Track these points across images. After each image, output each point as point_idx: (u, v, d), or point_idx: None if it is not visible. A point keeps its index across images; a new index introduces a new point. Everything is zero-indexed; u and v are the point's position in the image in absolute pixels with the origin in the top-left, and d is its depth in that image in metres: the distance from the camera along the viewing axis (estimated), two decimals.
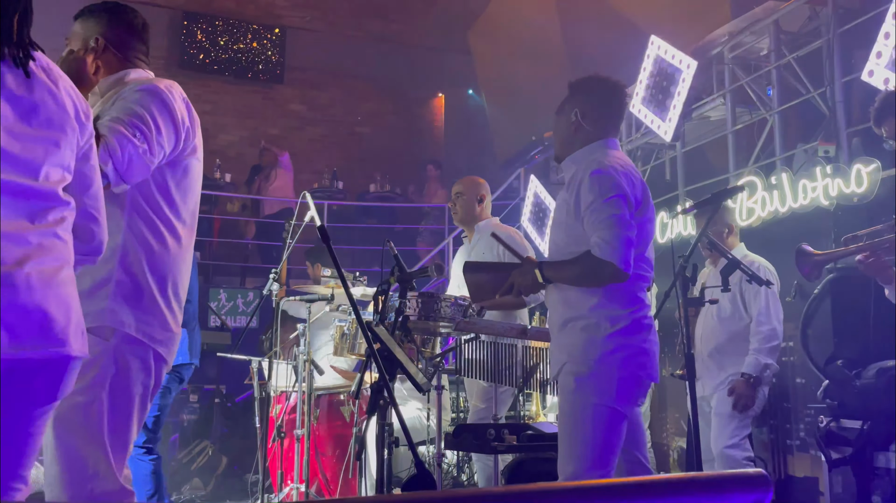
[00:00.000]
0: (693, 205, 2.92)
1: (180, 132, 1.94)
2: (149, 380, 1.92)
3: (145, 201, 1.92)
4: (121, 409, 1.85)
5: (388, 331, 2.81)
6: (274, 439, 4.32)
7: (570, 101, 2.54)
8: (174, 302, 1.98)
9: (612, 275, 2.26)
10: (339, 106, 10.64)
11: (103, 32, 2.05)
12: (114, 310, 1.85)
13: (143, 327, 1.88)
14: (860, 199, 3.91)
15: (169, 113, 1.91)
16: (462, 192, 3.90)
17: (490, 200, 4.01)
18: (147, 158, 1.83)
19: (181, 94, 2.02)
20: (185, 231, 2.02)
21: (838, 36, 4.40)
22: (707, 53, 5.61)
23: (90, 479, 1.78)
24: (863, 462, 3.20)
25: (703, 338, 3.70)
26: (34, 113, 1.45)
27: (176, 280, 1.99)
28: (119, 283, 1.87)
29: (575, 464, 2.28)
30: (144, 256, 1.91)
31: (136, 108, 1.86)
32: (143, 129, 1.82)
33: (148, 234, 1.92)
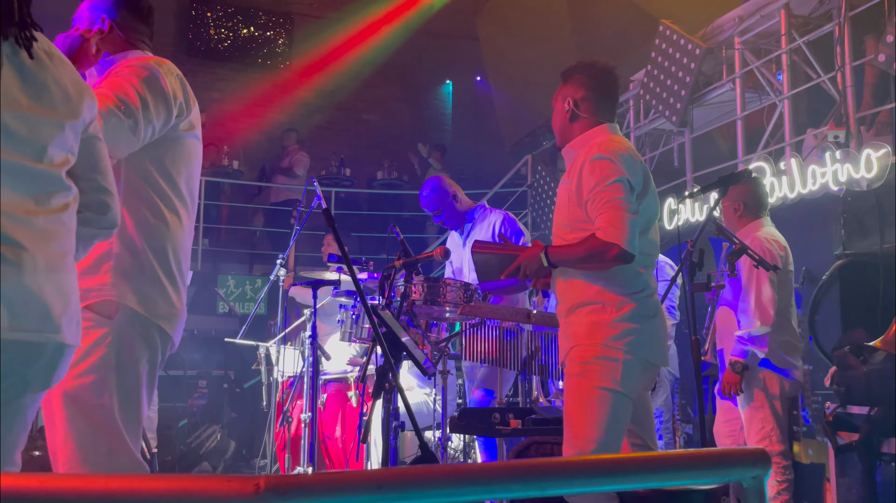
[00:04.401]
0: (699, 189, 2.90)
1: (171, 106, 1.93)
2: (155, 355, 1.93)
3: (141, 177, 1.93)
4: (130, 386, 1.86)
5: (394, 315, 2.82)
6: (281, 424, 4.36)
7: (563, 90, 2.54)
8: (178, 277, 1.98)
9: (618, 256, 2.25)
10: (347, 92, 10.62)
11: (109, 13, 2.05)
12: (116, 284, 1.85)
13: (145, 302, 1.89)
14: (870, 185, 3.88)
15: (159, 87, 1.91)
16: (437, 207, 3.93)
17: (461, 190, 4.04)
18: (133, 132, 1.83)
19: (174, 70, 2.01)
20: (183, 207, 2.01)
21: (849, 20, 4.35)
22: (716, 38, 5.56)
23: (106, 456, 1.80)
24: (869, 448, 3.19)
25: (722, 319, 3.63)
26: (38, 94, 1.45)
27: (178, 256, 1.99)
28: (119, 257, 1.87)
29: (579, 447, 2.29)
30: (142, 231, 1.91)
31: (124, 83, 1.86)
32: (128, 104, 1.82)
33: (145, 210, 1.93)
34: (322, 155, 9.79)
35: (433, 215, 4.03)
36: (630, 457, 0.84)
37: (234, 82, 10.26)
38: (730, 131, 5.68)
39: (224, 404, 5.86)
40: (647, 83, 6.13)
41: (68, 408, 1.78)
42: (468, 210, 3.98)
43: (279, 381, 4.61)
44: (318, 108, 10.54)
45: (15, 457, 1.50)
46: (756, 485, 0.92)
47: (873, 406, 3.20)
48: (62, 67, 1.52)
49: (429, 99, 11.46)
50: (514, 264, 2.46)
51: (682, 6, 6.73)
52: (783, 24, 4.93)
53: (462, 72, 11.29)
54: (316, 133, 10.36)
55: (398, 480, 0.71)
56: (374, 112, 10.93)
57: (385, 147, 10.31)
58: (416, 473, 0.71)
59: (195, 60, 10.09)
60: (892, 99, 4.21)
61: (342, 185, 9.33)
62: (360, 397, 4.23)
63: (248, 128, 10.12)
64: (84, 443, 1.79)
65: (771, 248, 3.31)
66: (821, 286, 4.05)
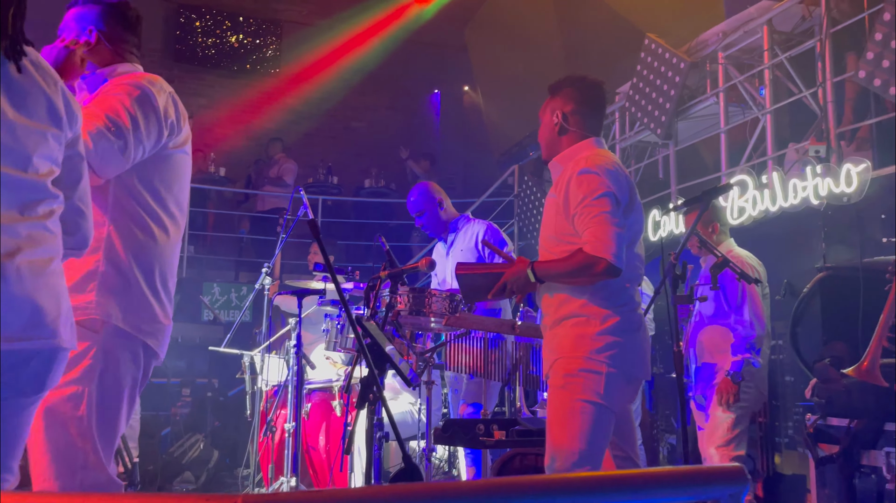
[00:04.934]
0: (682, 203, 2.93)
1: (163, 127, 1.94)
2: (138, 372, 1.93)
3: (130, 194, 1.93)
4: (109, 402, 1.85)
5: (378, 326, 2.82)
6: (265, 433, 4.34)
7: (551, 103, 2.56)
8: (163, 293, 1.99)
9: (606, 270, 2.27)
10: (335, 100, 10.63)
11: (97, 24, 2.05)
12: (101, 303, 1.86)
13: (130, 319, 1.89)
14: (850, 199, 3.93)
15: (151, 107, 1.91)
16: (421, 209, 3.95)
17: (448, 199, 4.07)
18: (123, 154, 1.84)
19: (166, 87, 2.01)
20: (172, 223, 2.02)
21: (831, 36, 4.42)
22: (700, 52, 5.63)
23: (79, 470, 1.79)
24: (849, 460, 3.22)
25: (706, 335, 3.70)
26: (23, 104, 1.46)
27: (164, 271, 2.00)
28: (105, 275, 1.88)
29: (562, 460, 2.30)
30: (130, 248, 1.91)
31: (116, 104, 1.86)
32: (119, 125, 1.83)
33: (133, 226, 1.93)
34: (310, 163, 9.78)
35: (416, 217, 4.04)
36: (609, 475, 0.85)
37: (221, 89, 10.24)
38: (714, 144, 5.73)
39: (207, 413, 5.82)
40: (632, 96, 6.19)
41: (46, 419, 1.78)
42: (452, 220, 4.00)
43: (263, 390, 4.59)
44: (307, 115, 10.55)
45: (11, 464, 1.49)
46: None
47: (853, 418, 3.24)
48: (49, 79, 1.53)
49: (417, 107, 11.49)
50: (500, 282, 2.46)
51: (667, 20, 6.81)
52: (766, 39, 4.99)
53: (451, 81, 11.33)
54: (304, 140, 10.36)
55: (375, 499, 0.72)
56: (362, 120, 10.94)
57: (373, 155, 10.32)
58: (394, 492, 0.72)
59: (182, 66, 10.07)
60: (872, 114, 4.27)
61: (329, 193, 9.32)
62: (344, 407, 4.22)
63: (235, 134, 10.11)
64: (58, 456, 1.78)
65: (753, 264, 3.53)
66: (802, 299, 4.09)
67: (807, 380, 3.64)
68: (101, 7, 2.07)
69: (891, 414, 3.07)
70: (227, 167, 9.11)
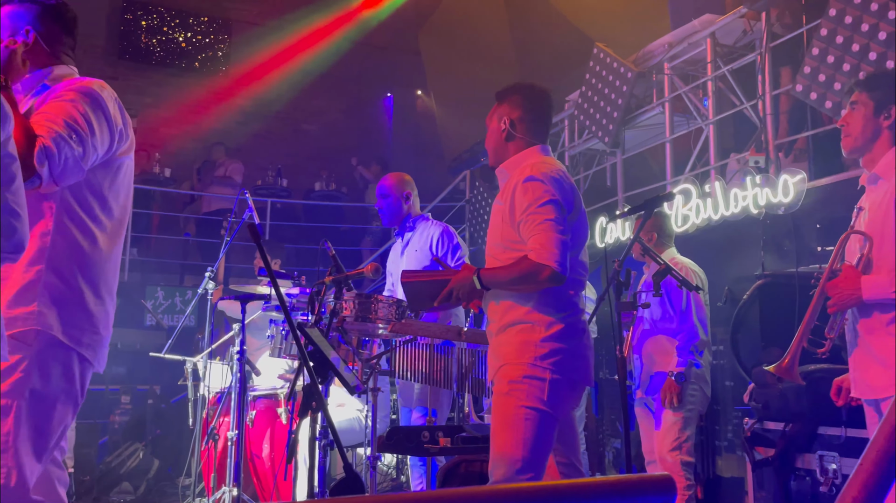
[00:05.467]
0: (626, 210, 2.98)
1: (114, 135, 1.92)
2: (71, 386, 1.86)
3: (76, 202, 1.88)
4: (39, 417, 1.78)
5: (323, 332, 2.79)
6: (207, 442, 4.24)
7: (498, 110, 2.57)
8: (108, 303, 1.94)
9: (550, 278, 2.28)
10: (285, 102, 10.49)
11: (34, 25, 1.97)
12: (42, 313, 1.80)
13: (69, 330, 1.83)
14: (787, 209, 4.06)
15: (104, 115, 1.88)
16: (387, 194, 3.93)
17: (416, 197, 4.05)
18: (82, 162, 1.81)
19: (113, 95, 1.98)
20: (117, 233, 1.98)
21: (770, 50, 4.55)
22: (647, 63, 5.74)
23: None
24: (784, 463, 3.31)
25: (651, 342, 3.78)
26: None
27: (108, 280, 1.95)
28: (47, 286, 1.82)
29: (505, 467, 2.30)
30: (74, 258, 1.86)
31: (72, 110, 1.82)
32: (79, 132, 1.80)
33: (78, 235, 1.88)
34: (259, 165, 9.63)
35: (379, 198, 3.99)
36: (537, 487, 0.84)
37: (168, 87, 10.01)
38: (660, 153, 5.85)
39: (148, 421, 5.65)
40: (581, 104, 6.27)
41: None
42: (413, 217, 3.96)
43: (206, 398, 4.48)
44: (256, 116, 10.39)
45: None
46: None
47: (788, 422, 3.33)
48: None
49: (369, 111, 11.43)
50: (445, 289, 2.45)
51: (616, 30, 6.92)
52: (709, 52, 5.12)
53: (404, 85, 11.31)
54: (252, 142, 10.20)
55: None
56: (313, 123, 10.83)
57: (324, 158, 10.22)
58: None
59: (127, 64, 9.81)
60: (809, 127, 4.42)
61: (279, 196, 9.19)
62: (289, 414, 4.15)
63: (181, 135, 9.89)
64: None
65: (696, 272, 3.64)
66: (742, 305, 4.19)
67: (746, 384, 3.74)
68: (38, 7, 1.99)
69: (824, 418, 3.17)
70: (173, 168, 8.90)
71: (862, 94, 2.34)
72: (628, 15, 7.19)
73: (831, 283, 2.28)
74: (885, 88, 2.31)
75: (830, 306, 2.30)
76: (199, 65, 10.29)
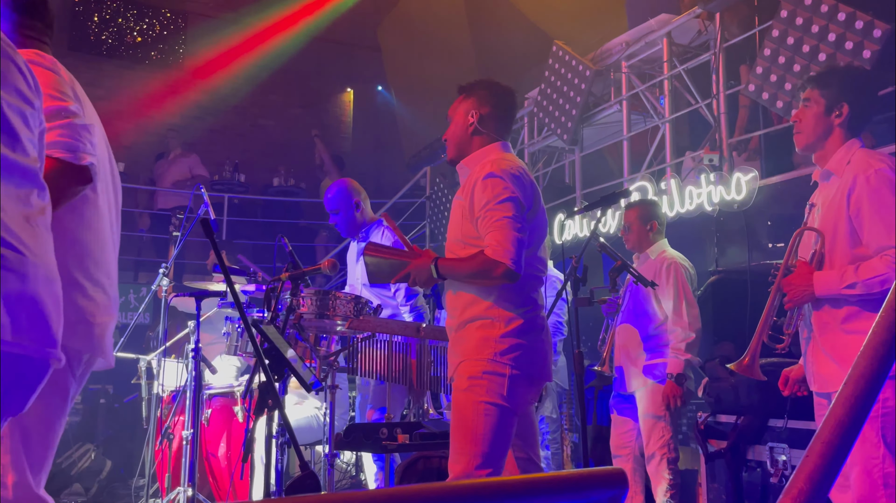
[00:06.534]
0: (584, 206, 3.00)
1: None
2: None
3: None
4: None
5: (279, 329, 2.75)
6: (161, 441, 4.15)
7: (465, 104, 2.57)
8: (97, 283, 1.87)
9: (504, 274, 2.30)
10: (242, 96, 10.33)
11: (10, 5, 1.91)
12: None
13: None
14: (739, 206, 4.14)
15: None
16: (336, 207, 3.89)
17: (367, 201, 4.01)
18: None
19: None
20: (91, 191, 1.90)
21: (724, 50, 4.64)
22: (605, 61, 5.80)
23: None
24: (736, 455, 3.39)
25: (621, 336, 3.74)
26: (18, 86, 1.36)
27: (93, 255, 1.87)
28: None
29: (464, 463, 2.30)
30: None
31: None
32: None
33: None
34: (215, 160, 9.46)
35: (330, 213, 3.96)
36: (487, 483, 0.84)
37: (121, 80, 9.76)
38: (617, 151, 5.92)
39: (99, 421, 5.52)
40: (540, 101, 6.31)
41: None
42: (368, 224, 3.93)
43: (160, 396, 4.39)
44: (212, 111, 10.20)
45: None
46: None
47: (740, 415, 3.40)
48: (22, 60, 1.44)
49: (328, 106, 11.32)
50: (404, 271, 2.46)
51: (575, 28, 6.98)
52: (665, 51, 5.20)
53: (363, 81, 11.23)
54: (209, 137, 10.02)
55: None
56: (270, 118, 10.68)
57: (282, 154, 10.09)
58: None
59: (78, 55, 9.54)
60: (761, 126, 4.52)
61: (236, 192, 9.05)
62: (246, 413, 4.09)
63: (135, 128, 9.64)
64: None
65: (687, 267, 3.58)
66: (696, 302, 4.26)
67: (700, 378, 3.81)
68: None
69: (774, 411, 3.25)
70: (127, 162, 8.68)
71: (814, 91, 2.37)
72: (587, 13, 7.25)
73: (786, 280, 2.32)
74: (837, 86, 2.36)
75: (786, 302, 2.34)
76: (153, 57, 10.06)
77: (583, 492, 0.91)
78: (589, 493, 0.91)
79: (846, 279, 2.17)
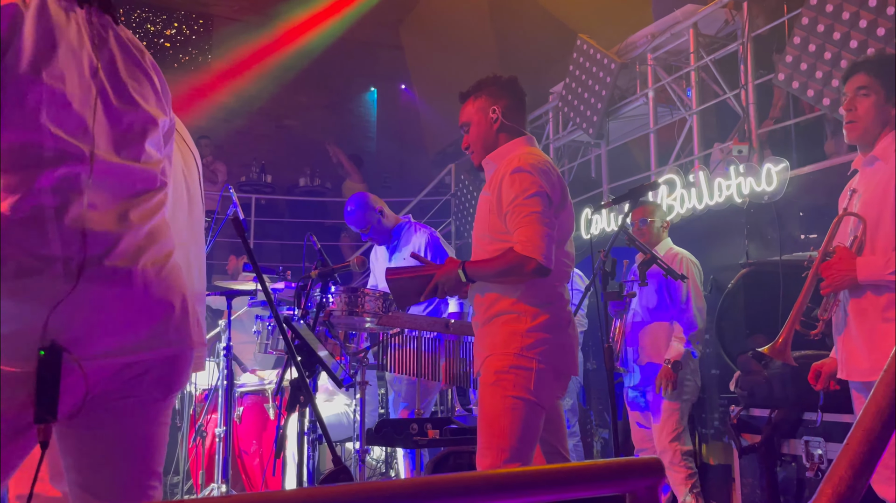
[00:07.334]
0: (612, 200, 2.99)
1: None
2: None
3: None
4: None
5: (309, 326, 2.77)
6: (195, 439, 4.21)
7: (476, 103, 2.53)
8: None
9: (535, 270, 2.29)
10: (268, 97, 10.42)
11: None
12: None
13: None
14: (770, 198, 4.08)
15: None
16: (365, 224, 3.94)
17: (386, 206, 4.08)
18: None
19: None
20: None
21: (752, 39, 4.57)
22: (630, 54, 5.75)
23: None
24: (770, 449, 3.34)
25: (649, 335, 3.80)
26: None
27: None
28: None
29: (492, 456, 2.30)
30: None
31: None
32: None
33: None
34: (242, 161, 9.56)
35: (360, 233, 4.02)
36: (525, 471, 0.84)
37: None
38: (644, 144, 5.87)
39: None
40: (565, 96, 6.28)
41: None
42: (395, 225, 4.00)
43: (193, 395, 4.45)
44: (238, 112, 10.30)
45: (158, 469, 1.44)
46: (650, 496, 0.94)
47: (774, 409, 3.36)
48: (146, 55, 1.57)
49: (352, 106, 11.38)
50: (431, 284, 2.44)
51: (599, 21, 6.93)
52: (692, 42, 5.14)
53: (386, 80, 11.26)
54: (235, 138, 10.12)
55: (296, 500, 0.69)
56: (296, 118, 10.75)
57: (307, 154, 10.16)
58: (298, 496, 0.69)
59: None
60: (791, 116, 4.44)
61: (263, 192, 9.14)
62: (277, 410, 4.13)
63: None
64: None
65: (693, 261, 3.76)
66: (727, 294, 4.22)
67: (731, 372, 3.77)
68: None
69: (808, 403, 3.20)
70: None
71: (869, 78, 2.27)
72: (610, 6, 7.20)
73: (826, 264, 2.27)
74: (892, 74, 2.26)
75: (824, 287, 2.29)
76: (182, 61, 10.20)
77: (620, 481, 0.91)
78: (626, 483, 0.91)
79: (891, 264, 2.12)
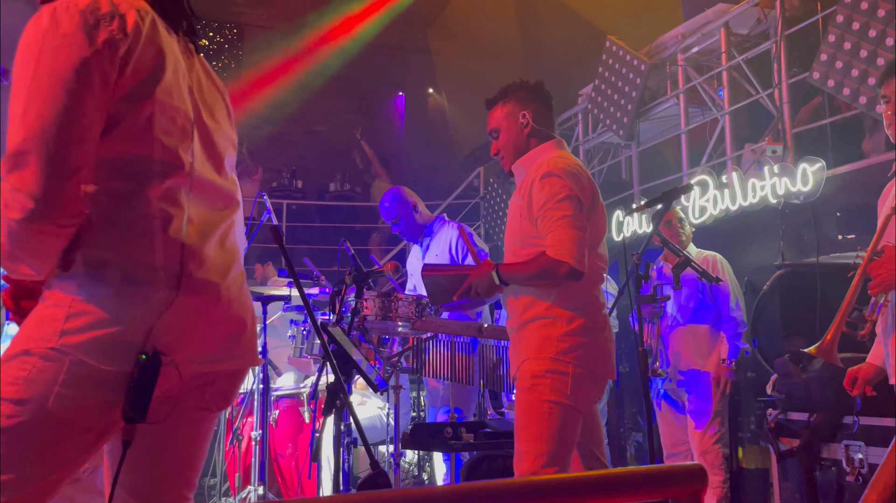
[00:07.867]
0: (645, 203, 2.97)
1: None
2: None
3: None
4: None
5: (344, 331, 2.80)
6: (231, 442, 4.28)
7: (504, 109, 2.54)
8: None
9: (568, 274, 2.29)
10: (298, 104, 10.54)
11: None
12: None
13: None
14: (806, 198, 4.02)
15: None
16: (397, 215, 3.96)
17: (421, 202, 4.09)
18: None
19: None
20: None
21: (785, 38, 4.52)
22: (660, 54, 5.71)
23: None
24: (809, 453, 3.29)
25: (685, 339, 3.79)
26: None
27: None
28: None
29: (530, 461, 2.31)
30: None
31: None
32: None
33: None
34: (273, 167, 9.68)
35: (391, 224, 4.03)
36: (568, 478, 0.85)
37: None
38: (675, 145, 5.82)
39: None
40: (594, 97, 6.25)
41: None
42: (428, 223, 4.01)
43: None
44: (269, 119, 10.43)
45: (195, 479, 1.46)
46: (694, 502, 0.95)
47: (812, 412, 3.31)
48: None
49: (381, 110, 11.46)
50: (465, 284, 2.47)
51: (627, 22, 6.89)
52: (723, 41, 5.09)
53: (414, 83, 11.32)
54: (267, 145, 10.25)
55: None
56: (325, 124, 10.86)
57: (337, 159, 10.25)
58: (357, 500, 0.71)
59: None
60: (826, 115, 4.38)
61: (293, 198, 9.25)
62: (312, 413, 4.18)
63: None
64: None
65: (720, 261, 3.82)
66: (762, 296, 4.17)
67: (768, 375, 3.72)
68: None
69: (848, 407, 3.15)
70: None
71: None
72: (639, 7, 7.16)
73: (875, 264, 2.21)
74: None
75: (873, 287, 2.24)
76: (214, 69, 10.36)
77: (663, 487, 0.92)
78: (669, 489, 0.92)
79: None
